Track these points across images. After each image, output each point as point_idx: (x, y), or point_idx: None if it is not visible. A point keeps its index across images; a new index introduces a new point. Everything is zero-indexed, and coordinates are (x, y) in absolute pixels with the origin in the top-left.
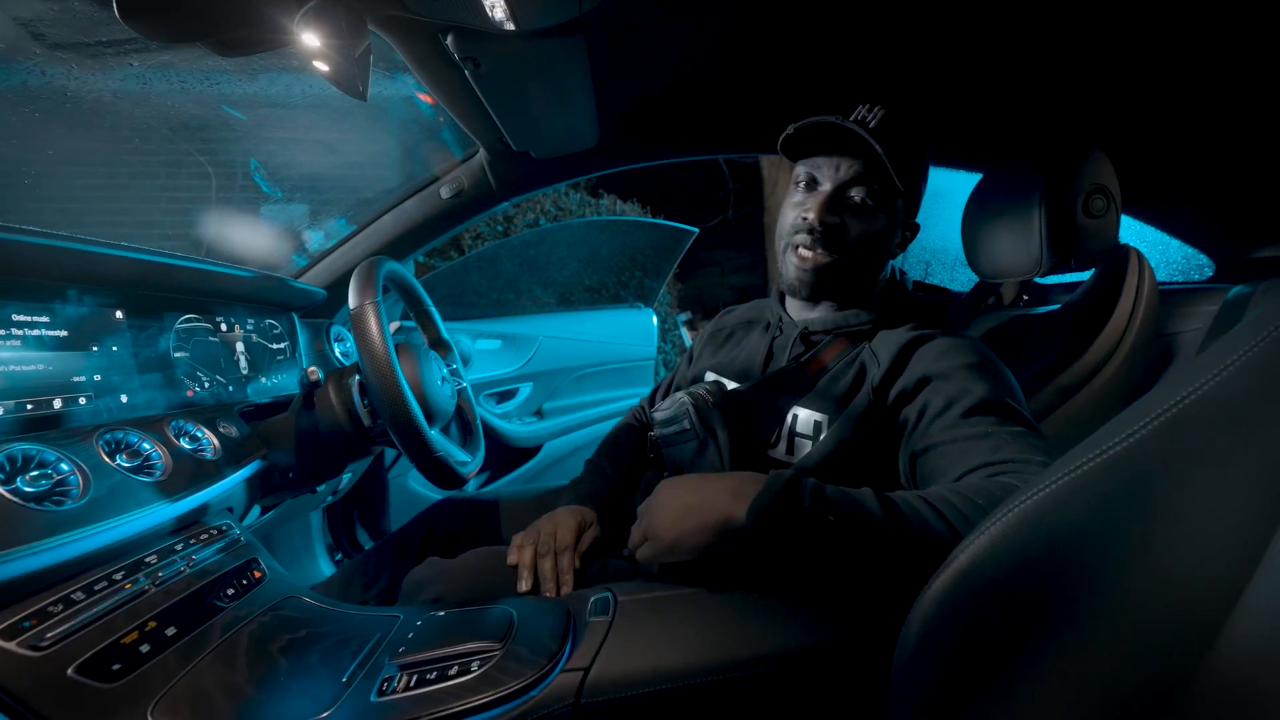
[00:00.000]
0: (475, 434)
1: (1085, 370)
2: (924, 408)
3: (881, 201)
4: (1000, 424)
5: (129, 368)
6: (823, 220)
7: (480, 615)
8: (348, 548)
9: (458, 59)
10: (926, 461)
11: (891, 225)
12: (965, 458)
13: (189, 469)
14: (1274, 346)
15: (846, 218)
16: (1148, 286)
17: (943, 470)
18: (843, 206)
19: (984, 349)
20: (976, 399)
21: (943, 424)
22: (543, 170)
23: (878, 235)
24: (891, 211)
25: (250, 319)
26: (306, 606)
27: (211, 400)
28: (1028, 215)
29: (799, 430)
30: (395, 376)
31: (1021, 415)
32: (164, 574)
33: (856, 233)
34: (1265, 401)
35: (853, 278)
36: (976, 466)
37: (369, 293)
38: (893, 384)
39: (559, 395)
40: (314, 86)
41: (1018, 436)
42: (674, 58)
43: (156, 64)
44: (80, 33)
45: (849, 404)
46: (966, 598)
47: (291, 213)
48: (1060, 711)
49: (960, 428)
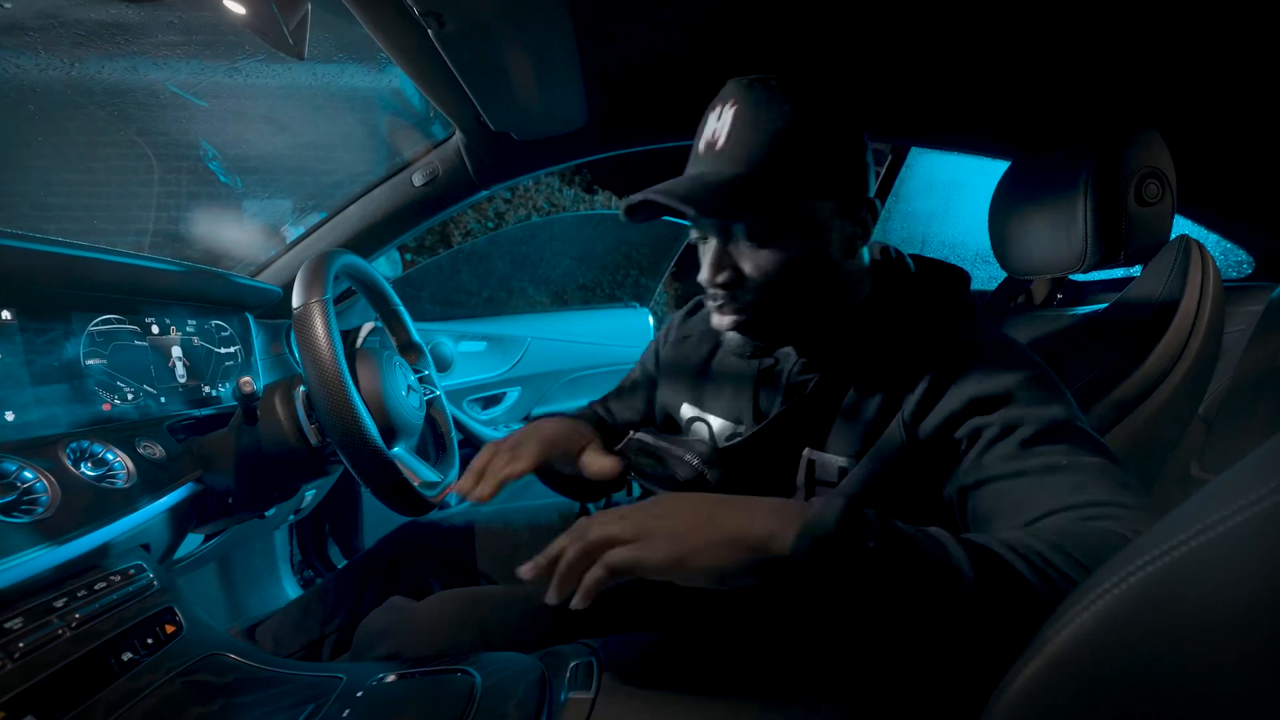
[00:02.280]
0: (449, 449)
1: (1147, 381)
2: (975, 434)
3: (779, 227)
4: (1074, 452)
5: (19, 379)
6: (714, 283)
7: (436, 684)
8: (318, 566)
9: (418, 14)
10: (981, 500)
11: (814, 234)
12: (1036, 498)
13: (85, 501)
14: None
15: (741, 265)
16: (1213, 283)
17: (1005, 512)
18: (734, 255)
19: (1035, 357)
20: (1043, 423)
21: (998, 455)
22: (526, 154)
23: (792, 264)
24: (805, 223)
25: (191, 320)
26: (228, 667)
27: (136, 414)
28: (1071, 204)
29: (822, 477)
30: (344, 388)
31: (1097, 442)
32: (29, 641)
33: (760, 274)
34: None
35: (794, 314)
36: (1057, 509)
37: (315, 290)
38: (929, 411)
39: (549, 400)
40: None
41: (1102, 470)
42: (672, 24)
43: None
44: None
45: (876, 439)
46: (1069, 697)
47: (254, 205)
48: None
49: (1024, 459)
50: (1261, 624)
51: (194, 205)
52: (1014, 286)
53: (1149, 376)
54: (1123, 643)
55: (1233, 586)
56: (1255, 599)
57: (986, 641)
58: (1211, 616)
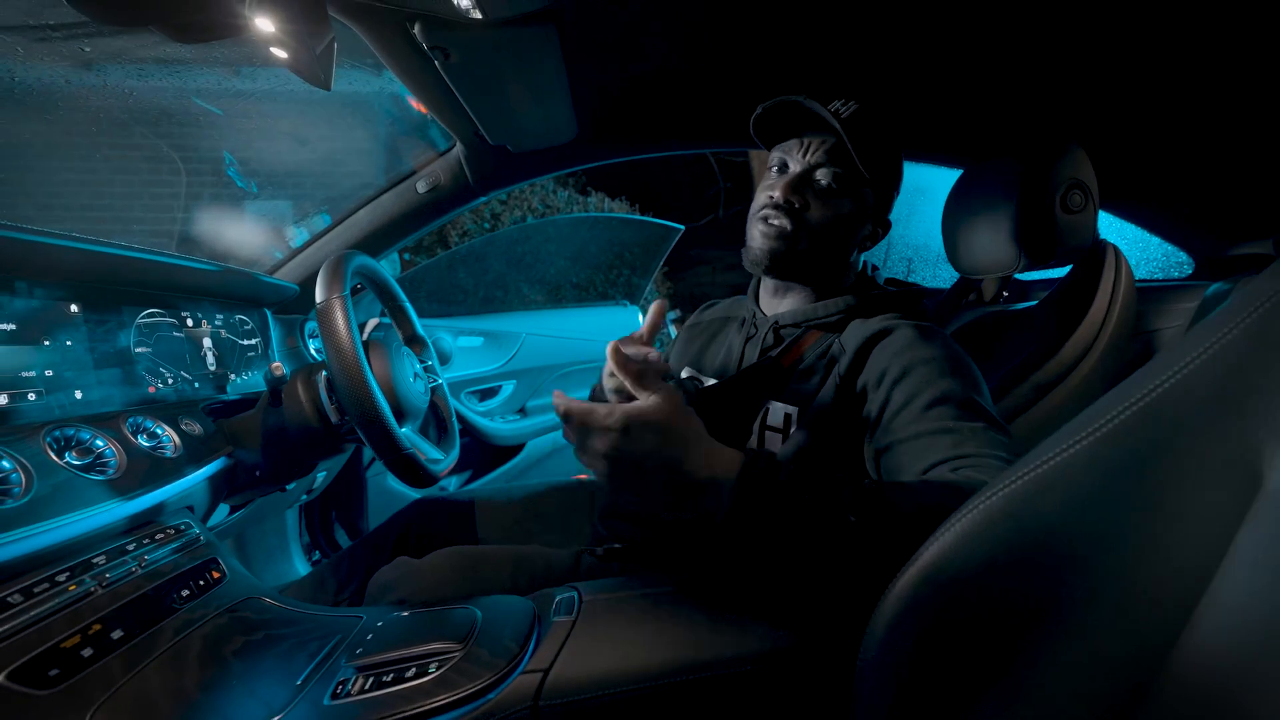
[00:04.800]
0: (450, 432)
1: (1061, 367)
2: (886, 402)
3: (847, 187)
4: (961, 418)
5: (84, 363)
6: (787, 198)
7: (443, 616)
8: (325, 547)
9: (426, 49)
10: (889, 458)
11: (858, 213)
12: (927, 453)
13: (145, 467)
14: (1242, 339)
15: (811, 198)
16: (1124, 283)
17: (904, 466)
18: (808, 187)
19: (949, 342)
20: (938, 393)
21: (904, 419)
22: (520, 164)
23: (842, 219)
24: (858, 199)
25: (219, 314)
26: (265, 608)
27: (175, 397)
28: (1006, 211)
29: (770, 423)
30: (362, 372)
31: (984, 410)
32: (112, 575)
33: (820, 213)
34: (1234, 394)
35: (816, 259)
36: (938, 462)
37: (336, 287)
38: (857, 377)
39: (543, 393)
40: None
41: (980, 431)
42: (649, 48)
43: (111, 51)
44: (27, 15)
45: (817, 396)
46: (931, 596)
47: (267, 207)
48: (1027, 715)
49: (921, 423)
50: (1066, 537)
51: (213, 208)
52: (967, 285)
53: (1063, 363)
54: (975, 553)
55: (1047, 509)
56: (1060, 518)
57: (875, 557)
58: (1034, 532)
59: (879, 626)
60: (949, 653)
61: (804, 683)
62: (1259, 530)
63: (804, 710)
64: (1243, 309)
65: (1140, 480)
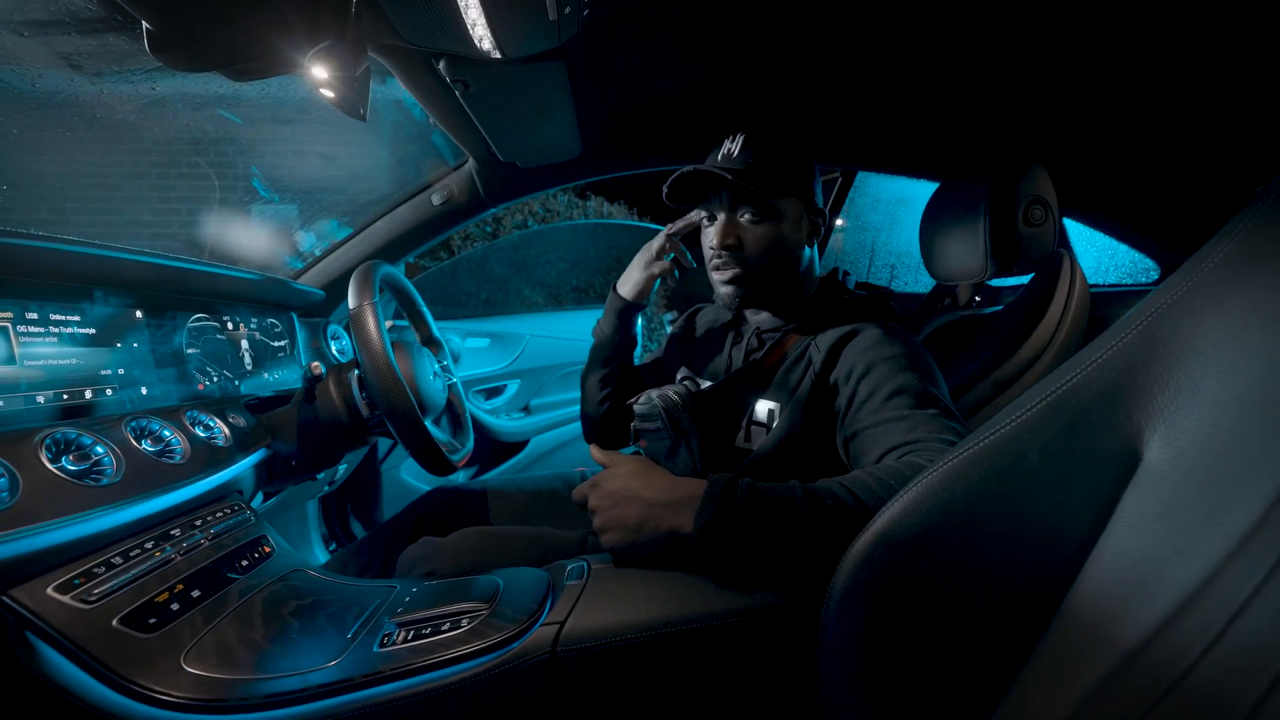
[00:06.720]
0: (465, 426)
1: (1019, 365)
2: (853, 395)
3: (768, 212)
4: (916, 408)
5: (148, 362)
6: (723, 245)
7: (469, 583)
8: (341, 537)
9: (449, 81)
10: (855, 445)
11: (791, 224)
12: (884, 440)
13: (205, 454)
14: (1137, 341)
15: (743, 235)
16: (1078, 288)
17: (866, 450)
18: (736, 228)
19: (910, 340)
20: (897, 386)
21: (868, 410)
22: (529, 178)
23: (778, 240)
24: (784, 213)
25: (253, 318)
26: (311, 579)
27: (219, 393)
28: (975, 224)
29: (756, 419)
30: (393, 371)
31: (937, 399)
32: (187, 544)
33: (757, 244)
34: (1124, 387)
35: (773, 279)
36: (893, 447)
37: (367, 294)
38: (829, 374)
39: (545, 392)
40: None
41: (932, 419)
42: (646, 79)
43: (172, 90)
44: (111, 63)
45: (795, 393)
46: (882, 557)
47: (287, 216)
48: (949, 651)
49: (882, 412)
50: (990, 504)
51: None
52: (942, 291)
53: (1020, 363)
54: (915, 519)
55: (976, 482)
56: (985, 488)
57: (829, 543)
58: (965, 499)
59: (837, 585)
60: (894, 604)
61: (780, 636)
62: (1138, 496)
63: (780, 658)
64: (1140, 315)
65: (1047, 458)
